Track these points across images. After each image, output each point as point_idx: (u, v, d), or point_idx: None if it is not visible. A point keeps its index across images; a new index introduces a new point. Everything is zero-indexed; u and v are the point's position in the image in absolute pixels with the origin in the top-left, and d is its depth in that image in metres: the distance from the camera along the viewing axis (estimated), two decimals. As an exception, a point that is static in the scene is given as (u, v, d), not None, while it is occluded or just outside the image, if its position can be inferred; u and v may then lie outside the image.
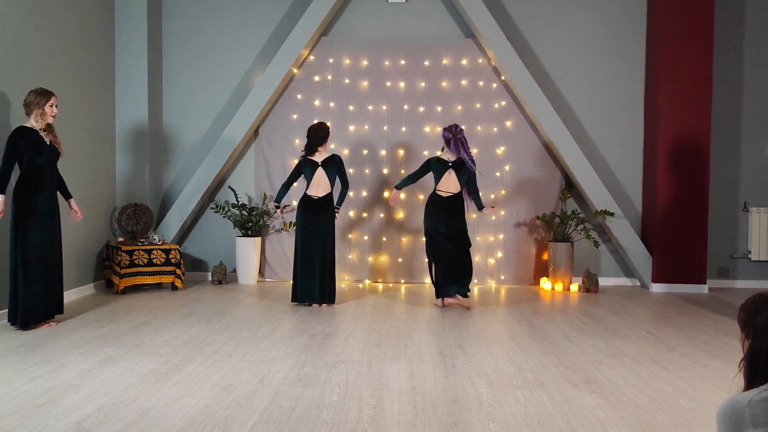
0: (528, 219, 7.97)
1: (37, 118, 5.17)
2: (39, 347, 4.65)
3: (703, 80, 7.51)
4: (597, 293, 7.41)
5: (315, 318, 5.84)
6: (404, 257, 7.94)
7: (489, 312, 6.26)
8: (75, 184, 6.60)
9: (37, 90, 5.20)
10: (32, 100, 5.15)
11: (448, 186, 6.36)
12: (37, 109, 5.15)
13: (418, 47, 7.92)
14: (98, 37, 7.16)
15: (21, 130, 5.12)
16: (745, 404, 1.80)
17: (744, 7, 7.96)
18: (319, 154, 6.39)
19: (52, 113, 5.21)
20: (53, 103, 5.21)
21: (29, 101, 5.15)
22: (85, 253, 6.88)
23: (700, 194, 7.56)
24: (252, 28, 7.99)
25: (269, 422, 3.25)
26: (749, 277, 8.02)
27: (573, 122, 7.93)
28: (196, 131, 7.98)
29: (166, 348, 4.68)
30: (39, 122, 5.18)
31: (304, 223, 6.30)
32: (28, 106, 5.16)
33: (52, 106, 5.21)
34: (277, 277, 7.99)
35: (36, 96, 5.16)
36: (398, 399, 3.63)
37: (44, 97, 5.17)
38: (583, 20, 7.99)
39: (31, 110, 5.15)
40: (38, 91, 5.19)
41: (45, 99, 5.17)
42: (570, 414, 3.43)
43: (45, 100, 5.16)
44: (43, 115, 5.17)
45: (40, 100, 5.15)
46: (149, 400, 3.55)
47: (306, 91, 7.95)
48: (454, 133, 6.34)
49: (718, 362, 4.52)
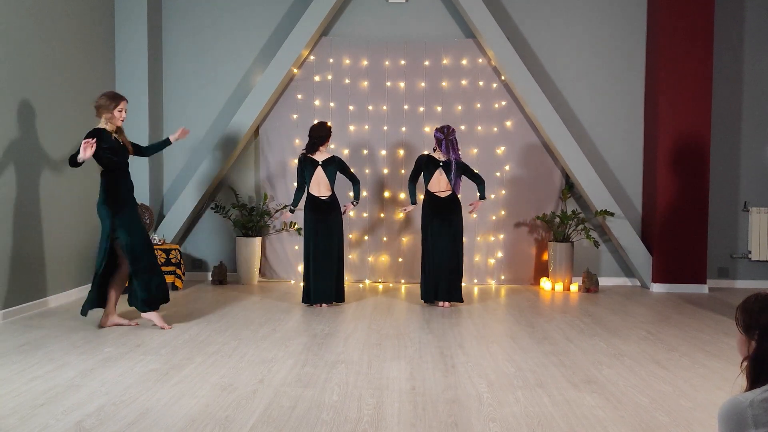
0: (528, 219, 7.97)
1: (109, 121, 5.26)
2: (39, 347, 4.65)
3: (703, 80, 7.51)
4: (597, 293, 7.41)
5: (315, 318, 5.84)
6: (404, 257, 7.93)
7: (489, 312, 6.27)
8: (75, 183, 6.60)
9: (108, 94, 5.29)
10: (103, 103, 5.24)
11: (440, 185, 6.39)
12: (107, 113, 5.24)
13: (418, 47, 7.91)
14: (98, 37, 7.15)
15: (95, 131, 5.20)
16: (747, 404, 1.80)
17: (744, 7, 7.96)
18: (320, 153, 6.40)
19: (121, 117, 5.30)
20: (123, 108, 5.30)
21: (100, 104, 5.25)
22: (85, 253, 6.88)
23: (700, 194, 7.56)
24: (252, 28, 7.99)
25: (269, 422, 3.25)
26: (749, 277, 8.03)
27: (573, 122, 7.93)
28: (196, 131, 7.98)
29: (166, 348, 4.68)
30: (109, 125, 5.27)
31: (313, 223, 6.30)
32: (99, 109, 5.25)
33: (122, 111, 5.30)
34: (278, 277, 7.98)
35: (107, 99, 5.25)
36: (398, 399, 3.63)
37: (114, 101, 5.25)
38: (584, 20, 7.99)
39: (101, 113, 5.25)
40: (109, 95, 5.28)
41: (114, 103, 5.25)
42: (570, 414, 3.43)
43: (114, 104, 5.24)
44: (112, 118, 5.26)
45: (110, 103, 5.23)
46: (149, 400, 3.55)
47: (306, 91, 7.95)
48: (446, 135, 6.37)
49: (718, 362, 4.52)
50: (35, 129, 5.97)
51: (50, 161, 6.20)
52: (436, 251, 6.32)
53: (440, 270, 6.32)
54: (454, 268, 6.35)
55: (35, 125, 5.97)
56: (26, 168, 5.83)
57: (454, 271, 6.36)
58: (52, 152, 6.24)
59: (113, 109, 5.23)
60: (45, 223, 6.10)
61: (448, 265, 6.33)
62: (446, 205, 6.37)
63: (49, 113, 6.17)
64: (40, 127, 6.04)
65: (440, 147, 6.40)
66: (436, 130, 6.45)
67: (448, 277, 6.34)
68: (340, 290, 6.41)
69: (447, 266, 6.32)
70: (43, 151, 6.10)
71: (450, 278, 6.34)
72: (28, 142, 5.88)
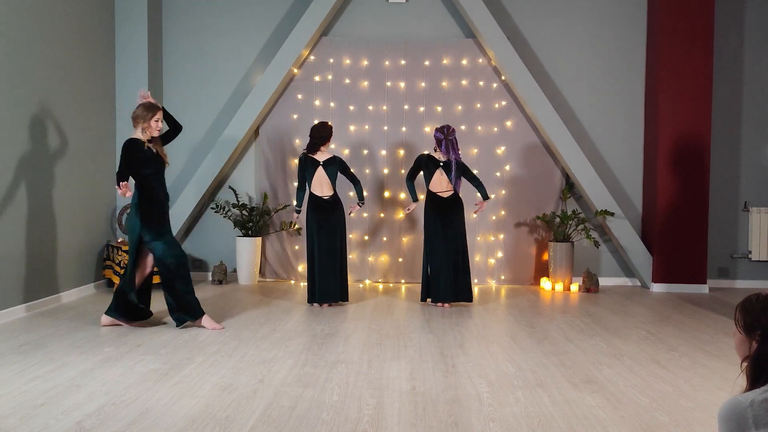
0: (528, 219, 7.97)
1: (144, 131, 5.29)
2: (39, 347, 4.65)
3: (703, 80, 7.51)
4: (597, 293, 7.41)
5: (315, 318, 5.84)
6: (404, 257, 7.93)
7: (489, 312, 6.26)
8: (75, 183, 6.60)
9: (145, 104, 5.33)
10: (139, 113, 5.28)
11: (441, 185, 6.39)
12: (144, 123, 5.27)
13: (418, 47, 7.91)
14: (98, 37, 7.15)
15: (131, 142, 5.26)
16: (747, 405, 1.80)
17: (744, 7, 7.96)
18: (321, 153, 6.40)
19: (157, 127, 5.34)
20: (159, 118, 5.34)
21: (137, 115, 5.29)
22: (85, 253, 6.88)
23: (700, 194, 7.56)
24: (252, 28, 7.99)
25: (269, 422, 3.25)
26: (749, 277, 8.03)
27: (573, 122, 7.93)
28: (196, 131, 7.98)
29: (166, 348, 4.68)
30: (145, 135, 5.30)
31: (317, 223, 6.30)
32: (135, 120, 5.30)
33: (158, 121, 5.33)
34: (278, 277, 7.98)
35: (143, 110, 5.29)
36: (398, 399, 3.63)
37: (150, 112, 5.29)
38: (584, 20, 7.99)
39: (138, 123, 5.29)
40: (146, 106, 5.32)
41: (151, 114, 5.28)
42: (570, 414, 3.43)
43: (151, 114, 5.28)
44: (148, 128, 5.29)
45: (147, 114, 5.27)
46: (149, 400, 3.55)
47: (306, 91, 7.95)
48: (445, 135, 6.37)
49: (718, 362, 4.52)
50: (35, 129, 5.96)
51: (50, 161, 6.20)
52: (440, 252, 6.30)
53: (443, 271, 6.31)
54: (462, 268, 6.35)
55: (35, 125, 5.96)
56: (26, 168, 5.82)
57: (463, 270, 6.35)
58: (52, 152, 6.24)
59: (150, 119, 5.27)
60: (44, 224, 6.10)
61: (456, 265, 6.31)
62: (449, 205, 6.37)
63: (49, 113, 6.16)
64: (41, 127, 6.04)
65: (440, 147, 6.40)
66: (436, 130, 6.45)
67: (457, 277, 6.33)
68: (344, 289, 6.41)
69: (453, 266, 6.30)
70: (43, 150, 6.10)
71: (459, 278, 6.33)
72: (29, 142, 5.87)
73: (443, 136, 6.38)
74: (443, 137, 6.38)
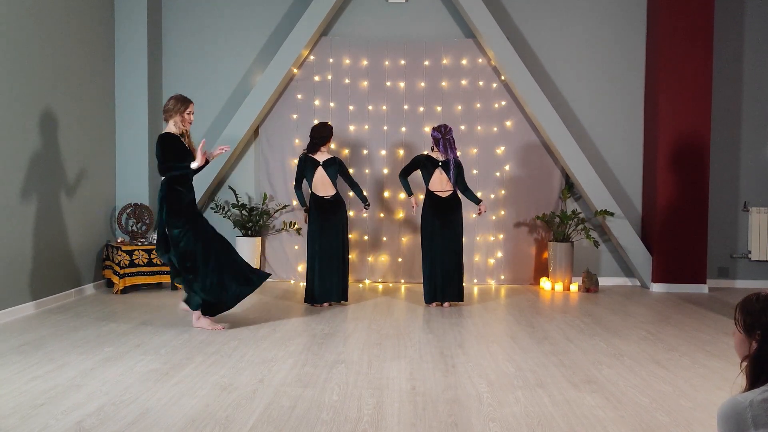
0: (528, 219, 7.97)
1: (177, 125, 5.26)
2: (39, 347, 4.65)
3: (703, 80, 7.52)
4: (597, 293, 7.41)
5: (315, 318, 5.84)
6: (404, 257, 7.93)
7: (489, 312, 6.27)
8: (75, 183, 6.60)
9: (177, 97, 5.29)
10: (172, 106, 5.24)
11: (441, 185, 6.38)
12: (177, 116, 5.23)
13: (418, 47, 7.91)
14: (98, 37, 7.15)
15: (169, 136, 5.20)
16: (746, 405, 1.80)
17: (744, 7, 7.96)
18: (321, 153, 6.40)
19: (189, 120, 5.30)
20: (191, 110, 5.30)
21: (169, 107, 5.24)
22: (85, 253, 6.88)
23: (700, 194, 7.56)
24: (252, 28, 7.99)
25: (269, 422, 3.25)
26: (749, 277, 8.03)
27: (573, 122, 7.93)
28: (196, 131, 7.98)
29: (166, 348, 4.68)
30: (178, 128, 5.26)
31: (319, 223, 6.29)
32: (168, 112, 5.25)
33: (190, 114, 5.30)
34: (277, 277, 7.98)
35: (176, 103, 5.24)
36: (398, 399, 3.63)
37: (183, 104, 5.25)
38: (584, 20, 7.99)
39: (171, 116, 5.24)
40: (178, 98, 5.27)
41: (184, 106, 5.25)
42: (570, 414, 3.43)
43: (184, 107, 5.24)
44: (182, 121, 5.26)
45: (180, 106, 5.23)
46: (149, 399, 3.55)
47: (306, 91, 7.95)
48: (443, 134, 6.37)
49: (718, 362, 4.52)
50: (35, 129, 5.96)
51: (50, 161, 6.20)
52: (440, 252, 6.31)
53: (443, 270, 6.32)
54: (457, 268, 6.36)
55: (35, 125, 5.96)
56: (26, 168, 5.82)
57: (457, 270, 6.36)
58: (52, 152, 6.23)
59: (184, 112, 5.23)
60: (43, 224, 6.10)
61: (452, 265, 6.32)
62: (447, 205, 6.37)
63: (49, 113, 6.16)
64: (40, 127, 6.04)
65: (438, 146, 6.39)
66: (433, 129, 6.44)
67: (452, 277, 6.34)
68: (344, 289, 6.40)
69: (450, 266, 6.32)
70: (43, 150, 6.09)
71: (453, 277, 6.34)
72: (28, 142, 5.87)
73: (440, 135, 6.37)
74: (440, 136, 6.37)
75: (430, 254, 6.35)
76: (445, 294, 6.35)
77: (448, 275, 6.33)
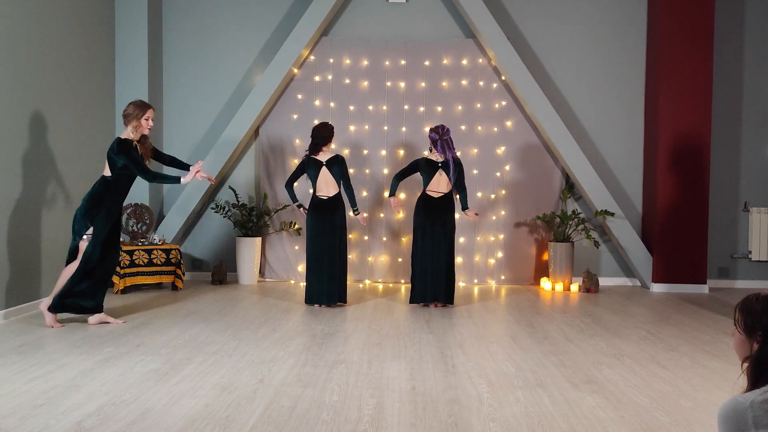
0: (528, 219, 7.97)
1: (136, 130, 5.28)
2: (39, 347, 4.65)
3: (703, 80, 7.52)
4: (597, 293, 7.41)
5: (315, 318, 5.84)
6: (404, 257, 7.93)
7: (489, 312, 6.26)
8: (75, 184, 6.60)
9: (137, 102, 5.32)
10: (131, 112, 5.27)
11: (439, 186, 6.36)
12: (135, 121, 5.26)
13: (418, 47, 7.91)
14: (98, 37, 7.15)
15: (128, 142, 5.25)
16: (747, 405, 1.80)
17: (744, 7, 7.96)
18: (323, 153, 6.39)
19: (148, 126, 5.33)
20: (150, 116, 5.32)
21: (128, 113, 5.27)
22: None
23: (700, 194, 7.56)
24: (252, 28, 7.99)
25: (269, 422, 3.25)
26: (749, 277, 8.03)
27: (573, 122, 7.93)
28: (196, 131, 7.98)
29: (166, 348, 4.68)
30: (135, 134, 5.29)
31: (317, 224, 6.28)
32: (127, 118, 5.28)
33: (149, 119, 5.32)
34: (277, 277, 7.99)
35: (135, 108, 5.28)
36: (398, 399, 3.63)
37: (142, 110, 5.28)
38: (584, 20, 7.99)
39: (129, 121, 5.27)
40: (137, 104, 5.31)
41: (143, 112, 5.27)
42: (570, 414, 3.43)
43: (143, 112, 5.27)
44: (138, 126, 5.28)
45: (139, 112, 5.27)
46: (149, 400, 3.55)
47: (306, 91, 7.95)
48: (440, 134, 6.35)
49: (718, 362, 4.52)
50: (35, 129, 5.96)
51: (50, 161, 6.20)
52: (429, 251, 6.28)
53: (433, 271, 6.29)
54: (447, 268, 6.30)
55: (35, 125, 5.96)
56: (25, 168, 5.82)
57: (447, 271, 6.31)
58: (52, 152, 6.23)
59: (141, 118, 5.27)
60: (43, 223, 6.10)
61: (441, 265, 6.28)
62: (440, 206, 6.34)
63: (49, 113, 6.16)
64: (40, 127, 6.03)
65: (436, 147, 6.37)
66: (431, 130, 6.42)
67: (441, 277, 6.30)
68: (343, 290, 6.39)
69: (441, 267, 6.29)
70: (43, 150, 6.09)
71: (442, 278, 6.29)
72: (28, 142, 5.87)
73: (438, 136, 6.35)
74: (438, 137, 6.35)
75: (419, 254, 6.33)
76: (433, 294, 6.30)
77: (436, 275, 6.28)
